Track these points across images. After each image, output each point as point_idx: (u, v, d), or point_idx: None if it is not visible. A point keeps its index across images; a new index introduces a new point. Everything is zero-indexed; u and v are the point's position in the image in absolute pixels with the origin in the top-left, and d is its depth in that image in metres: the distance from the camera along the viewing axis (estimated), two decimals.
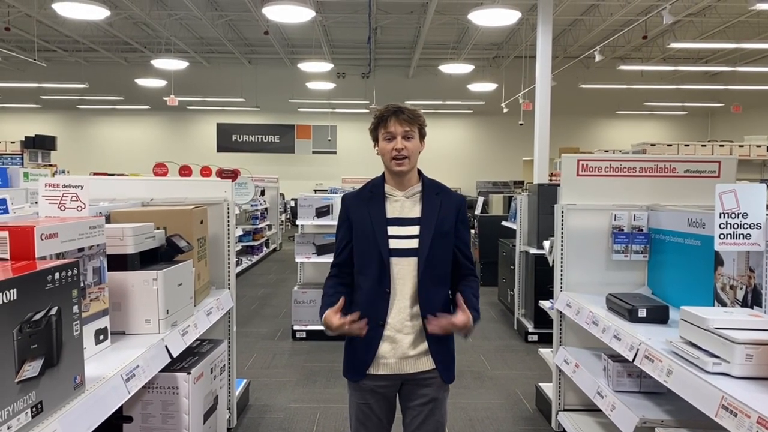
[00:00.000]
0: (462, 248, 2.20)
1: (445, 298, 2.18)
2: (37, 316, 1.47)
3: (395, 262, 2.11)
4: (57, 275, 1.57)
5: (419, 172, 2.21)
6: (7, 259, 1.71)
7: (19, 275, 1.42)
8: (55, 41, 16.24)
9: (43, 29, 14.50)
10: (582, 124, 19.95)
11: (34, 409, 1.44)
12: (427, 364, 2.13)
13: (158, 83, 16.59)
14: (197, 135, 20.31)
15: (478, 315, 2.10)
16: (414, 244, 2.11)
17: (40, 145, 11.87)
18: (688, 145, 9.71)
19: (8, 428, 1.35)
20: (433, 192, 2.17)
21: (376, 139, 2.18)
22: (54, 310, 1.54)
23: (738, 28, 14.06)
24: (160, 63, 14.17)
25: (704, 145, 9.75)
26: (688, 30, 14.37)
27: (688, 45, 14.89)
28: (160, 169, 7.93)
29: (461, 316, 2.02)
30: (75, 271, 1.66)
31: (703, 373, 1.98)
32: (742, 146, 9.52)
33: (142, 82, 16.45)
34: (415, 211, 2.15)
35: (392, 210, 2.15)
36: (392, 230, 2.13)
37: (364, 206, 2.17)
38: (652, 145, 9.57)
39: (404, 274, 2.11)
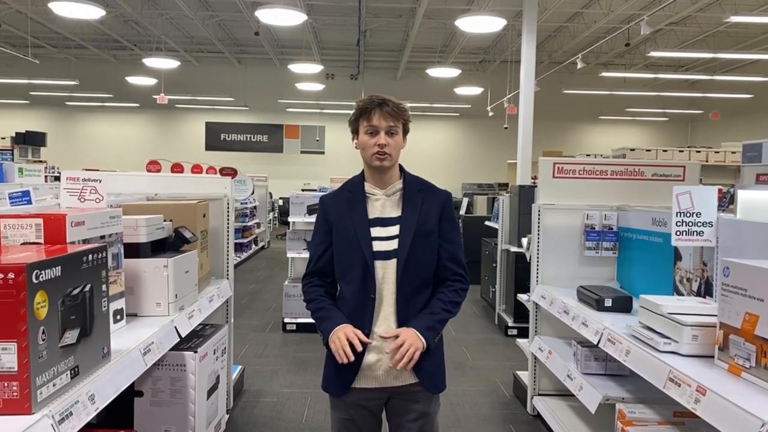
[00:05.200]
0: (448, 248, 2.08)
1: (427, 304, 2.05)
2: (75, 291, 1.70)
3: (379, 265, 1.99)
4: (90, 257, 1.79)
5: (401, 169, 2.09)
6: (41, 243, 1.93)
7: (63, 255, 1.64)
8: (45, 38, 16.28)
9: (33, 26, 14.54)
10: (565, 128, 20.33)
11: (72, 372, 1.67)
12: (410, 377, 2.00)
13: (148, 81, 16.68)
14: (186, 133, 20.40)
15: (434, 333, 1.96)
16: (394, 245, 1.99)
17: (30, 141, 11.99)
18: (666, 151, 10.03)
19: (53, 385, 1.57)
20: (414, 189, 2.06)
21: (356, 131, 2.03)
22: (88, 287, 1.76)
23: (717, 37, 14.49)
24: (151, 62, 14.28)
25: (682, 151, 10.07)
26: (669, 38, 14.78)
27: (669, 54, 15.32)
28: (153, 167, 8.10)
29: (399, 342, 1.90)
30: (104, 254, 1.89)
31: (656, 351, 2.24)
32: (717, 152, 9.88)
33: (132, 80, 16.55)
34: (397, 210, 2.03)
35: (374, 210, 2.03)
36: (375, 231, 2.00)
37: (344, 207, 2.05)
38: (632, 150, 9.87)
39: (388, 278, 1.99)
